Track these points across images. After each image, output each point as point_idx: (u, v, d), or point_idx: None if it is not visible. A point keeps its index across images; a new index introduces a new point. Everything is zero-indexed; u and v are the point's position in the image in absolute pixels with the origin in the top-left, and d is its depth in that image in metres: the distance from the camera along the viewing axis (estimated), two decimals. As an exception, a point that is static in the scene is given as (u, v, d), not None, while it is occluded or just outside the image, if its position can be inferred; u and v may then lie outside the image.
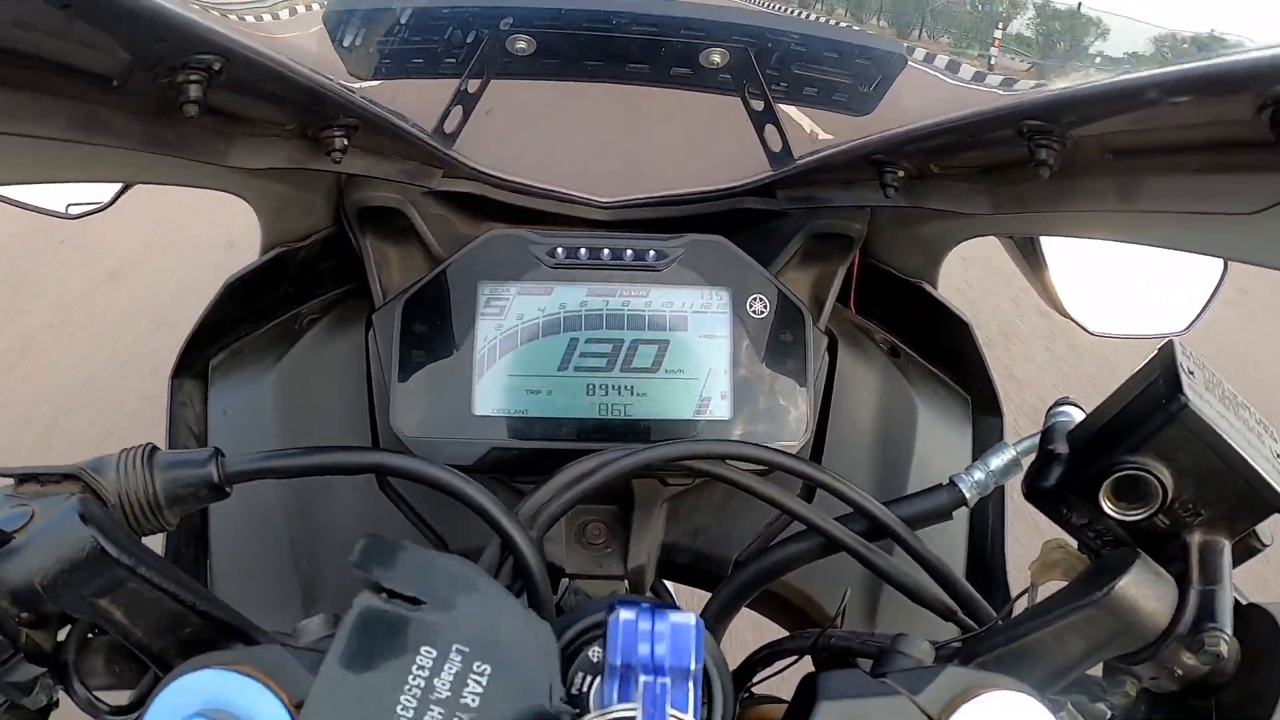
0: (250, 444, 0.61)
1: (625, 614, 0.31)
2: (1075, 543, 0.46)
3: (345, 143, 0.52)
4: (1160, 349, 0.42)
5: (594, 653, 0.35)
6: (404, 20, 0.62)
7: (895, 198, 0.55)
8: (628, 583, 0.58)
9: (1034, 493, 0.45)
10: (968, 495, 0.51)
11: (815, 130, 0.64)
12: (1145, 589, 0.39)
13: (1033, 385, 3.04)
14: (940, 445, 0.65)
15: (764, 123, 0.62)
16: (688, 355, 0.56)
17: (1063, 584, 0.44)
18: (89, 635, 0.40)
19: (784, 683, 0.53)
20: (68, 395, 2.60)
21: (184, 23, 0.36)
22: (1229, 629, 0.39)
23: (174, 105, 0.40)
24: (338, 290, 0.67)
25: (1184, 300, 0.71)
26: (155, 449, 0.45)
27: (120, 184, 0.66)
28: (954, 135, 0.48)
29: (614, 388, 0.56)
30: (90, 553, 0.35)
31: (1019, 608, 0.45)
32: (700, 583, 0.65)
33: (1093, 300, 0.69)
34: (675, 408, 0.56)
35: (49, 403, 2.58)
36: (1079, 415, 0.48)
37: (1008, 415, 0.65)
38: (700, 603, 0.58)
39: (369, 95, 0.53)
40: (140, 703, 0.39)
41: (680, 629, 0.30)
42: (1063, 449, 0.45)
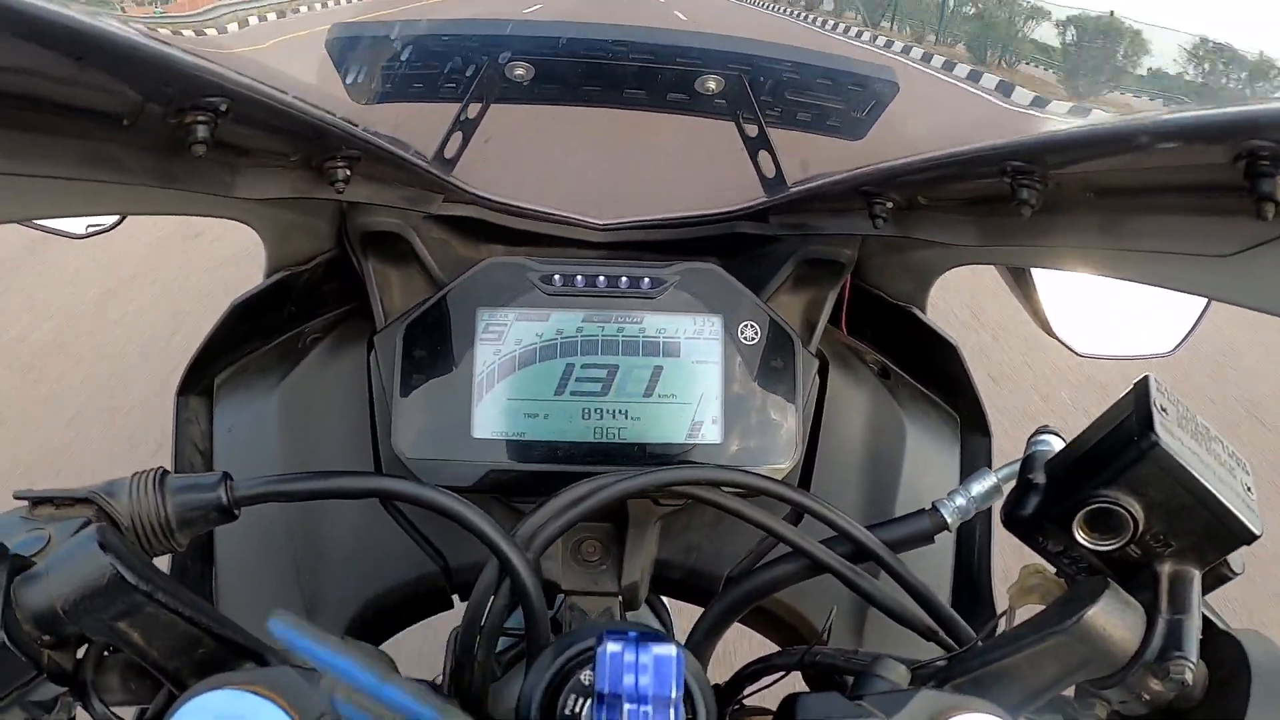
0: (255, 461, 0.62)
1: (613, 646, 0.33)
2: (1052, 568, 0.48)
3: (348, 173, 0.54)
4: (1135, 385, 0.43)
5: (585, 676, 0.37)
6: (405, 47, 0.64)
7: (884, 228, 0.56)
8: (622, 599, 0.60)
9: (1012, 520, 0.47)
10: (949, 520, 0.52)
11: (812, 154, 0.65)
12: (1114, 618, 0.40)
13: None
14: (929, 464, 0.66)
15: (757, 148, 0.63)
16: (680, 380, 0.58)
17: (1040, 607, 0.46)
18: (105, 654, 0.41)
19: (773, 696, 0.54)
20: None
21: (192, 68, 0.38)
22: (1194, 658, 0.40)
23: (182, 144, 0.41)
24: (340, 310, 0.69)
25: (1170, 323, 0.72)
26: (166, 473, 0.46)
27: None
28: (941, 170, 0.50)
29: (609, 412, 0.57)
30: (110, 580, 0.36)
31: (998, 629, 0.46)
32: (692, 598, 0.66)
33: (1080, 323, 0.70)
34: (668, 431, 0.57)
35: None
36: (1058, 444, 0.49)
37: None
38: (694, 615, 0.59)
39: (370, 123, 0.55)
40: (156, 719, 0.41)
41: (662, 660, 0.32)
42: (1040, 479, 0.46)
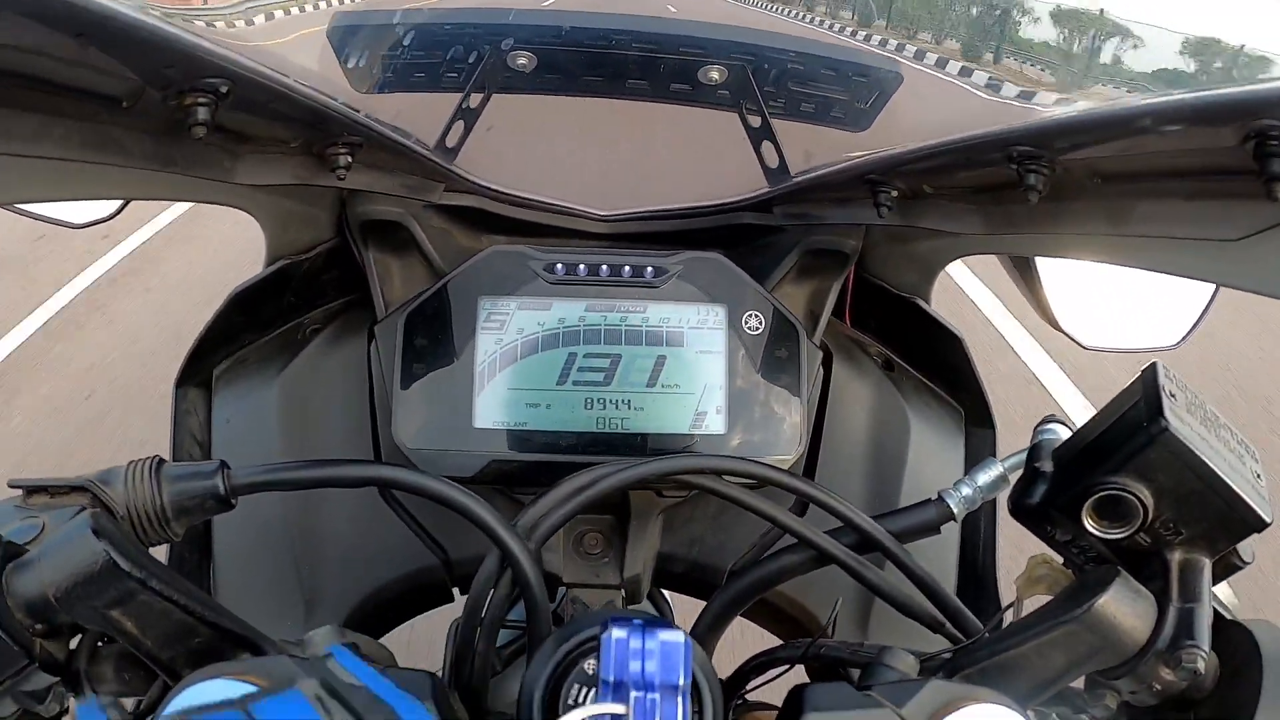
0: (253, 452, 0.62)
1: (618, 632, 0.32)
2: (1060, 558, 0.47)
3: (349, 159, 0.53)
4: (1144, 371, 0.43)
5: (589, 665, 0.37)
6: (407, 36, 0.63)
7: (889, 217, 0.56)
8: (624, 592, 0.59)
9: (1019, 509, 0.46)
10: (955, 510, 0.51)
11: (815, 144, 0.64)
12: (1125, 606, 0.40)
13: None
14: (933, 456, 0.66)
15: (761, 139, 0.63)
16: (684, 370, 0.57)
17: (1048, 598, 0.45)
18: (99, 644, 0.41)
19: (776, 691, 0.54)
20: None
21: (193, 48, 0.37)
22: (1206, 646, 0.40)
23: (183, 127, 0.41)
24: (340, 300, 0.68)
25: (1176, 316, 0.71)
26: (162, 461, 0.46)
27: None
28: (946, 158, 0.49)
29: (611, 402, 0.57)
30: (103, 566, 0.36)
31: (1005, 620, 0.46)
32: (695, 591, 0.66)
33: (1086, 315, 0.70)
34: (671, 422, 0.57)
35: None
36: (1065, 433, 0.48)
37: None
38: (697, 609, 0.59)
39: (372, 111, 0.54)
40: (150, 710, 0.41)
41: (670, 647, 0.31)
42: (1048, 467, 0.46)
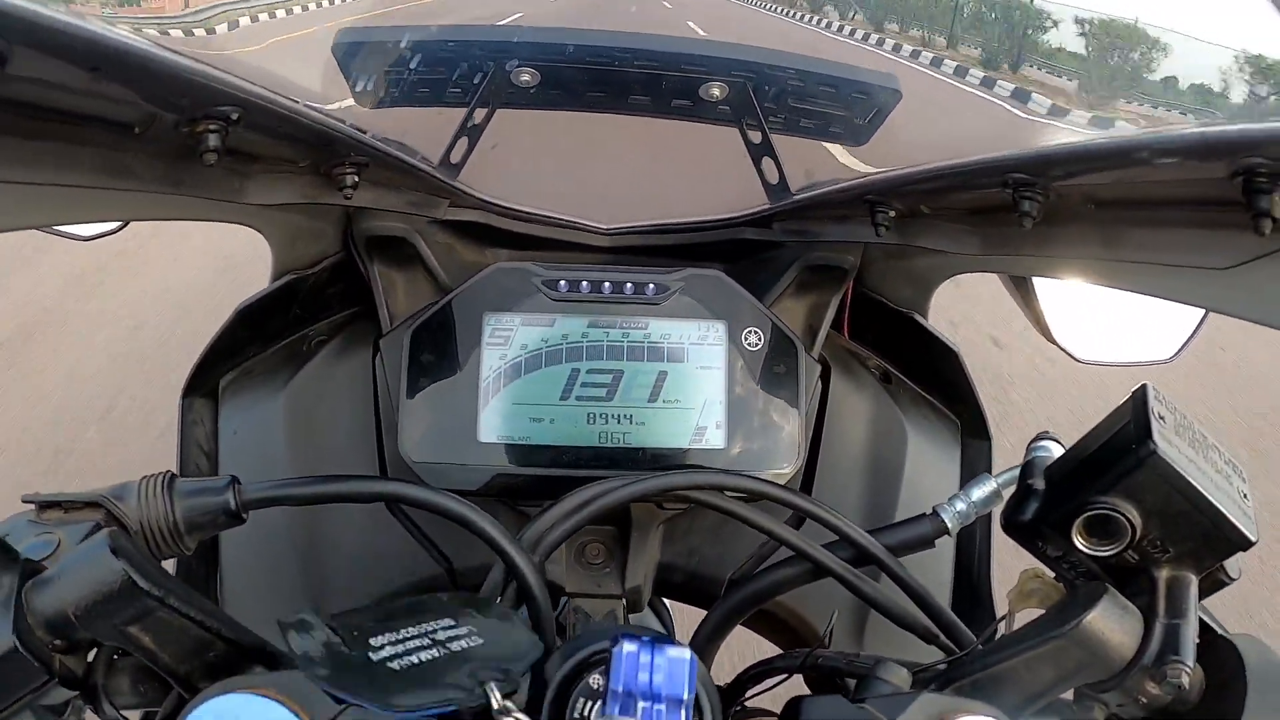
0: (260, 463, 0.63)
1: (629, 647, 0.34)
2: (1051, 572, 0.49)
3: (356, 179, 0.54)
4: (1134, 393, 0.44)
5: (594, 680, 0.38)
6: (412, 52, 0.64)
7: (887, 236, 0.57)
8: (625, 601, 0.60)
9: (1012, 525, 0.47)
10: (950, 525, 0.53)
11: (814, 159, 0.65)
12: (1112, 622, 0.41)
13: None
14: (930, 468, 0.67)
15: (761, 155, 0.64)
16: (685, 386, 0.58)
17: (1039, 611, 0.46)
18: (115, 657, 0.42)
19: (774, 699, 0.55)
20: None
21: (205, 78, 0.38)
22: (1191, 661, 0.41)
23: (193, 151, 0.42)
24: (345, 313, 0.69)
25: (1170, 330, 0.72)
26: (174, 477, 0.47)
27: None
28: (944, 181, 0.50)
29: (613, 417, 0.58)
30: (122, 585, 0.36)
31: (998, 633, 0.47)
32: (694, 600, 0.67)
33: (1081, 330, 0.71)
34: (672, 436, 0.58)
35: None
36: (1058, 450, 0.50)
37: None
38: (696, 617, 0.60)
39: (376, 127, 0.55)
40: None
41: (676, 662, 0.34)
42: (1040, 484, 0.47)
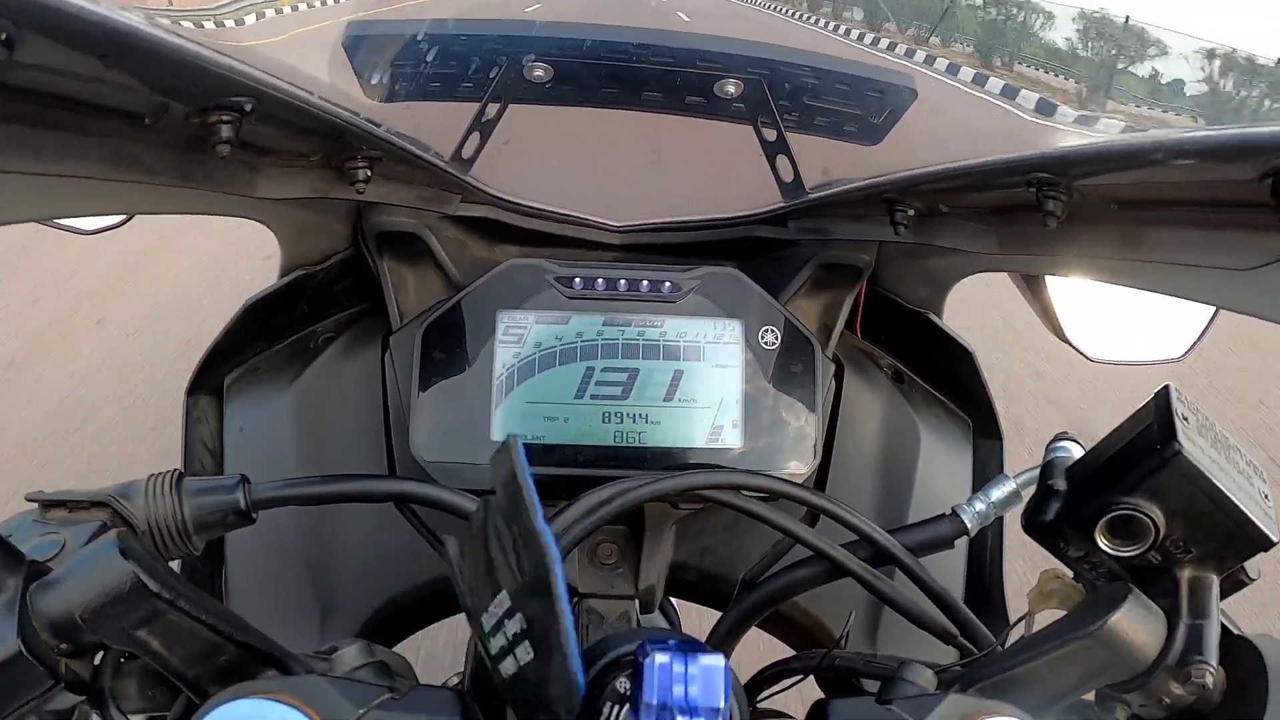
0: (266, 462, 0.62)
1: (660, 657, 0.32)
2: (1071, 573, 0.48)
3: (368, 173, 0.53)
4: (1156, 394, 0.44)
5: (621, 684, 0.37)
6: (424, 46, 0.63)
7: (905, 235, 0.57)
8: (638, 602, 0.60)
9: (1033, 525, 0.47)
10: (969, 525, 0.52)
11: (828, 158, 0.65)
12: (1136, 623, 0.41)
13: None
14: (942, 468, 0.67)
15: (776, 153, 0.64)
16: (700, 385, 0.58)
17: (1058, 611, 0.46)
18: (122, 660, 0.41)
19: (786, 702, 0.54)
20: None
21: (217, 67, 0.37)
22: (1214, 661, 0.41)
23: (204, 143, 0.41)
24: (353, 309, 0.68)
25: (1181, 330, 0.72)
26: (182, 475, 0.46)
27: None
28: (965, 180, 0.50)
29: (629, 416, 0.57)
30: (131, 587, 0.35)
31: (1017, 634, 0.47)
32: (707, 601, 0.66)
33: (1092, 328, 0.71)
34: (688, 436, 0.57)
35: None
36: (1077, 451, 0.49)
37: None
38: (703, 616, 0.59)
39: (388, 122, 0.54)
40: None
41: (710, 671, 0.32)
42: (1061, 485, 0.46)
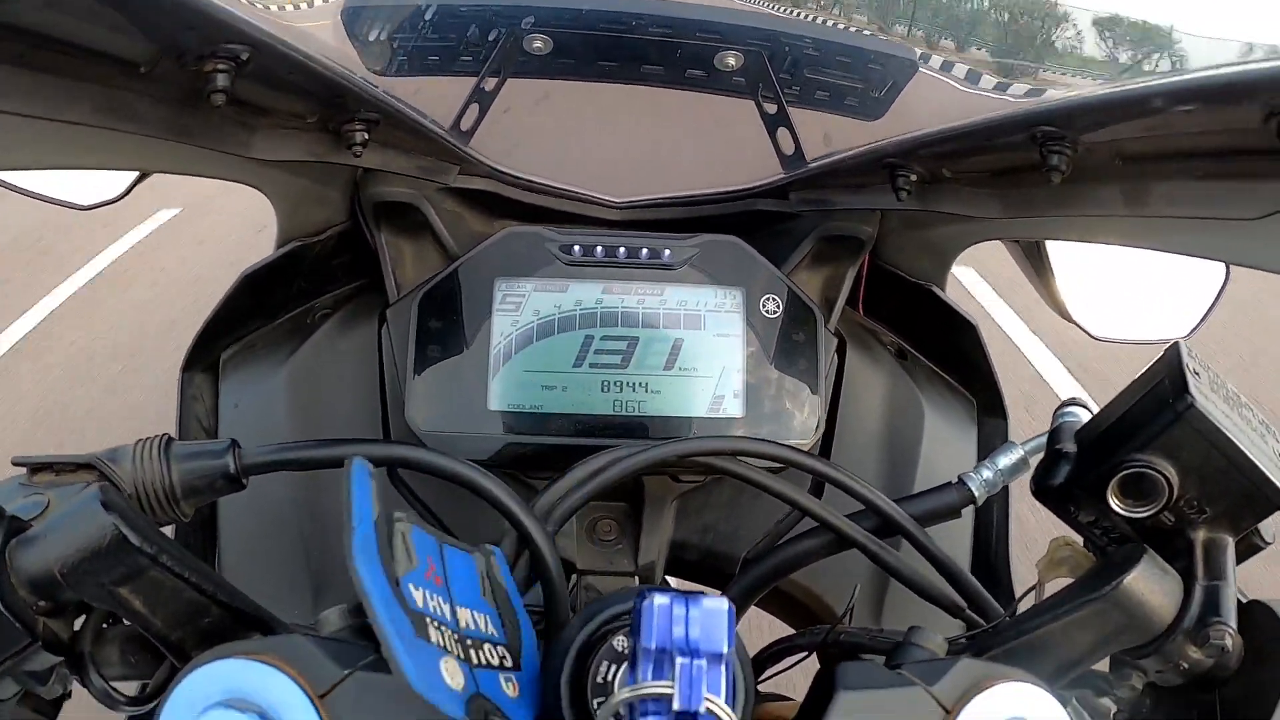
0: (262, 438, 0.60)
1: (659, 599, 0.31)
2: (1081, 540, 0.47)
3: (366, 137, 0.53)
4: (1166, 350, 0.43)
5: (618, 642, 0.36)
6: (422, 18, 0.63)
7: (907, 201, 0.56)
8: (638, 579, 0.58)
9: (1042, 490, 0.46)
10: (977, 494, 0.51)
11: (829, 132, 0.64)
12: (1152, 584, 0.40)
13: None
14: (946, 446, 0.66)
15: (776, 125, 0.63)
16: (701, 354, 0.57)
17: (1069, 580, 0.45)
18: (104, 625, 0.39)
19: (792, 679, 0.53)
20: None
21: (214, 12, 0.37)
22: (1233, 623, 0.40)
23: (201, 94, 0.40)
24: (351, 285, 0.67)
25: (1186, 306, 0.72)
26: (171, 439, 0.45)
27: (136, 174, 0.67)
28: (967, 140, 0.49)
29: (628, 385, 0.56)
30: (112, 540, 0.34)
31: (1026, 604, 0.46)
32: (708, 579, 0.65)
33: (1097, 306, 0.70)
34: (689, 405, 0.56)
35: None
36: (1085, 415, 0.48)
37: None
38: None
39: (388, 90, 0.54)
40: (157, 692, 0.39)
41: (713, 613, 0.30)
42: (1070, 448, 0.45)
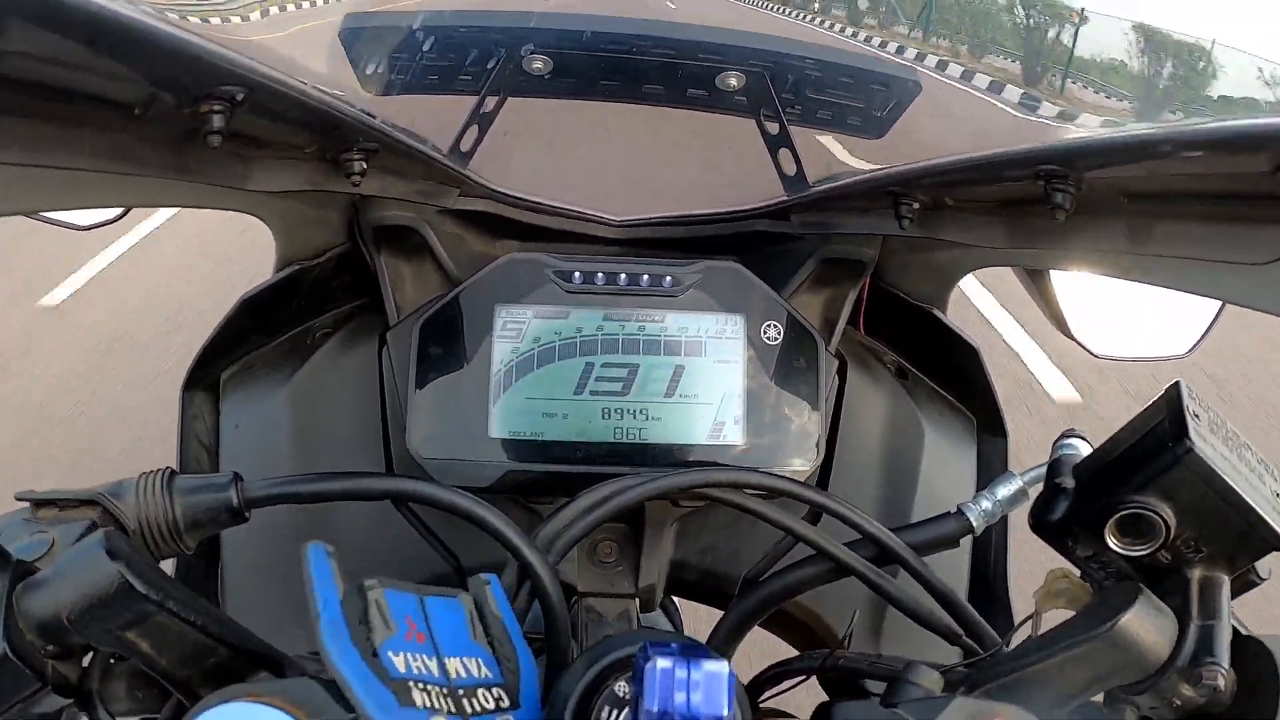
0: (262, 459, 0.61)
1: (662, 662, 0.31)
2: (1079, 572, 0.48)
3: (364, 165, 0.52)
4: (1167, 390, 0.43)
5: (620, 688, 0.36)
6: (421, 38, 0.62)
7: (910, 228, 0.56)
8: (638, 601, 0.59)
9: (1040, 525, 0.46)
10: (975, 524, 0.52)
11: (830, 152, 0.64)
12: (1147, 623, 0.40)
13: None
14: (946, 466, 0.66)
15: (778, 146, 0.63)
16: (702, 380, 0.57)
17: (1065, 611, 0.46)
18: (111, 662, 0.40)
19: (794, 700, 0.54)
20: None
21: (208, 55, 0.36)
22: (1226, 663, 0.40)
23: (197, 134, 0.40)
24: (350, 305, 0.67)
25: (1186, 325, 0.72)
26: (174, 473, 0.45)
27: None
28: (973, 173, 0.49)
29: (629, 412, 0.56)
30: (118, 588, 0.34)
31: (1023, 633, 0.46)
32: (708, 600, 0.66)
33: (1097, 323, 0.70)
34: (689, 432, 0.57)
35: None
36: (1085, 448, 0.49)
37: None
38: (706, 616, 0.59)
39: (385, 115, 0.54)
40: None
41: (714, 678, 0.31)
42: (1069, 483, 0.46)
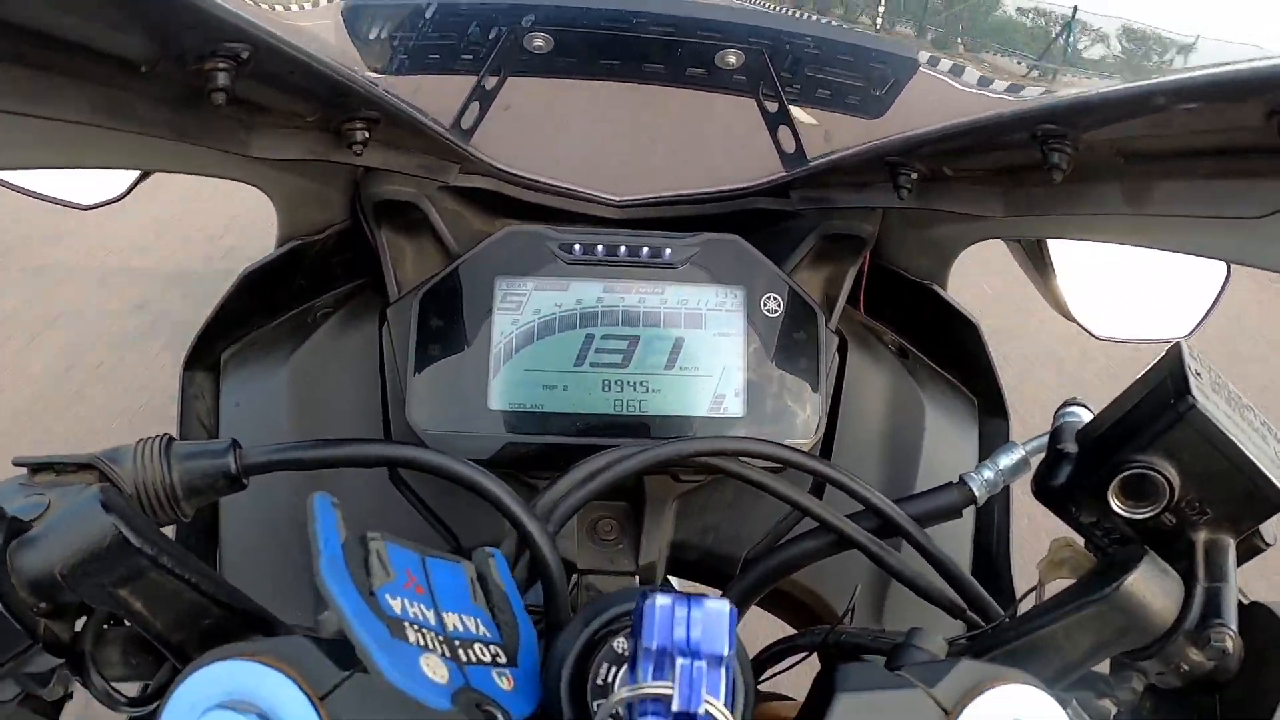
0: (263, 437, 0.60)
1: (661, 600, 0.31)
2: (1082, 541, 0.47)
3: (366, 135, 0.53)
4: (1168, 350, 0.43)
5: (619, 644, 0.35)
6: (423, 16, 0.63)
7: (909, 199, 0.56)
8: (639, 579, 0.58)
9: (1043, 491, 0.46)
10: (978, 494, 0.51)
11: (828, 131, 0.64)
12: (1153, 585, 0.39)
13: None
14: (947, 446, 0.66)
15: (777, 124, 0.63)
16: (702, 353, 0.57)
17: (1069, 581, 0.45)
18: (105, 626, 0.39)
19: (790, 681, 0.53)
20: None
21: (215, 11, 0.37)
22: (1234, 625, 0.39)
23: (201, 94, 0.40)
24: (351, 284, 0.67)
25: (1187, 305, 0.72)
26: (172, 439, 0.45)
27: (137, 173, 0.67)
28: (968, 138, 0.49)
29: (629, 384, 0.56)
30: (112, 541, 0.34)
31: (1026, 605, 0.46)
32: (709, 579, 0.65)
33: (1098, 305, 0.70)
34: (689, 404, 0.56)
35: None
36: (1087, 415, 0.48)
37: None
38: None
39: (389, 87, 0.54)
40: (158, 694, 0.39)
41: (714, 614, 0.30)
42: (1072, 448, 0.45)
